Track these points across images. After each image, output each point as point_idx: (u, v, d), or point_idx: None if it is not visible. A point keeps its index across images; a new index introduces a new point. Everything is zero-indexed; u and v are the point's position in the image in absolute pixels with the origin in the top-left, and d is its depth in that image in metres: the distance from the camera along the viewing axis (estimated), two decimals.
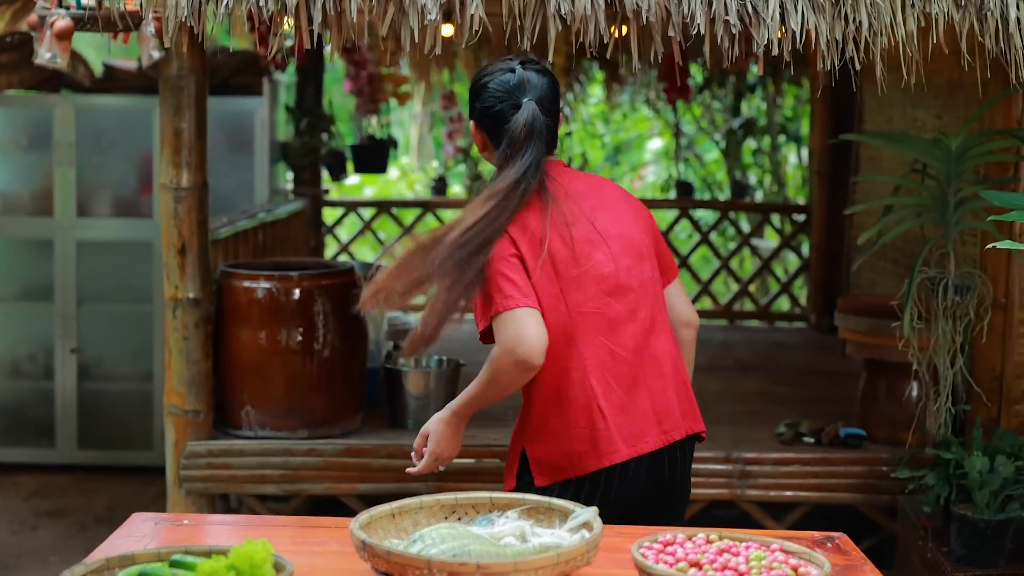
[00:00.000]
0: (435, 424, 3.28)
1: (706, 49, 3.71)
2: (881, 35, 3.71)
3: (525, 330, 2.94)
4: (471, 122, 3.27)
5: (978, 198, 4.30)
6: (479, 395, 3.11)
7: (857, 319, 4.88)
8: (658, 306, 3.19)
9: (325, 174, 7.87)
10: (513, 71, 3.18)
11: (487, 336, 3.05)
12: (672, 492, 3.20)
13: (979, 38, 3.82)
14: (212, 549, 2.27)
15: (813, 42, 3.77)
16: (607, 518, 2.54)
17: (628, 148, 11.75)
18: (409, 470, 3.35)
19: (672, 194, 8.89)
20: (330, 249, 8.61)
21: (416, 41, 3.69)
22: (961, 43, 3.80)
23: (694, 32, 3.77)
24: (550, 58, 4.11)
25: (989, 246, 3.76)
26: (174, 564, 2.22)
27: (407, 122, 13.77)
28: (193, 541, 2.58)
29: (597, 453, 3.03)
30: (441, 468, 3.32)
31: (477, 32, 3.59)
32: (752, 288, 8.76)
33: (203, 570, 2.11)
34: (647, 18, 3.62)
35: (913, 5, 3.71)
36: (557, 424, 3.05)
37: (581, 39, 3.86)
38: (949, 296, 4.27)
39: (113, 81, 6.60)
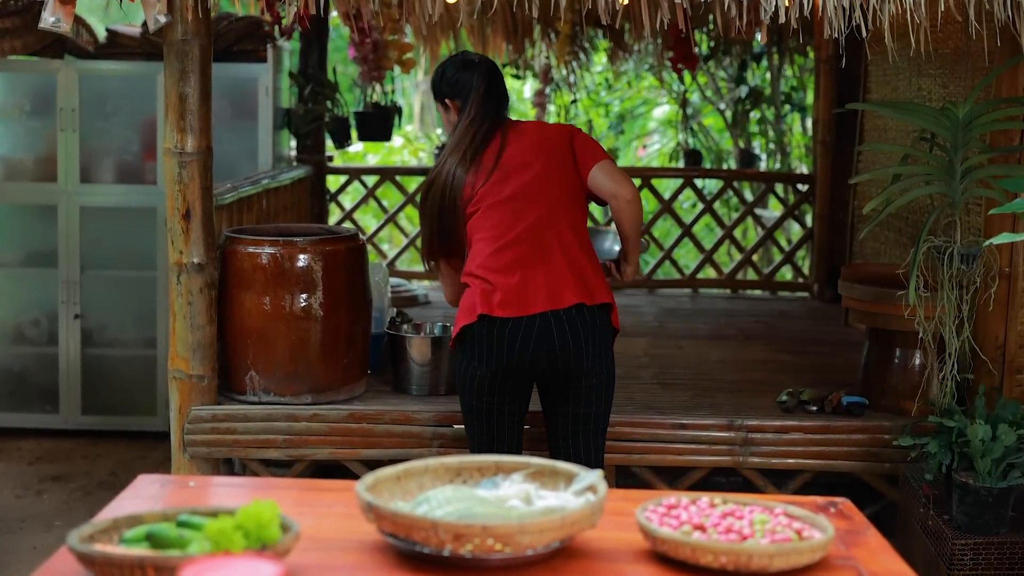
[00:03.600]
0: None
1: (715, 16, 3.71)
2: (889, 2, 3.70)
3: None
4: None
5: (984, 167, 4.30)
6: None
7: (861, 288, 4.88)
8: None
9: (329, 141, 7.87)
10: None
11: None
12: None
13: (987, 5, 3.82)
14: (219, 509, 2.28)
15: (820, 9, 3.77)
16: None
17: (632, 116, 11.72)
18: None
19: (681, 163, 8.88)
20: (333, 216, 8.61)
21: (429, 10, 3.69)
22: (969, 10, 3.79)
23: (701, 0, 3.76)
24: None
25: (992, 211, 3.76)
26: (181, 524, 2.23)
27: (411, 90, 13.74)
28: (199, 502, 2.59)
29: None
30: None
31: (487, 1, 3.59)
32: (755, 258, 8.76)
33: (210, 530, 2.12)
34: None
35: None
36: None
37: (588, 6, 3.86)
38: (955, 265, 4.28)
39: (116, 46, 6.59)
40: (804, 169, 9.69)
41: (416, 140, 12.76)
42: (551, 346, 3.89)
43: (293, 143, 7.59)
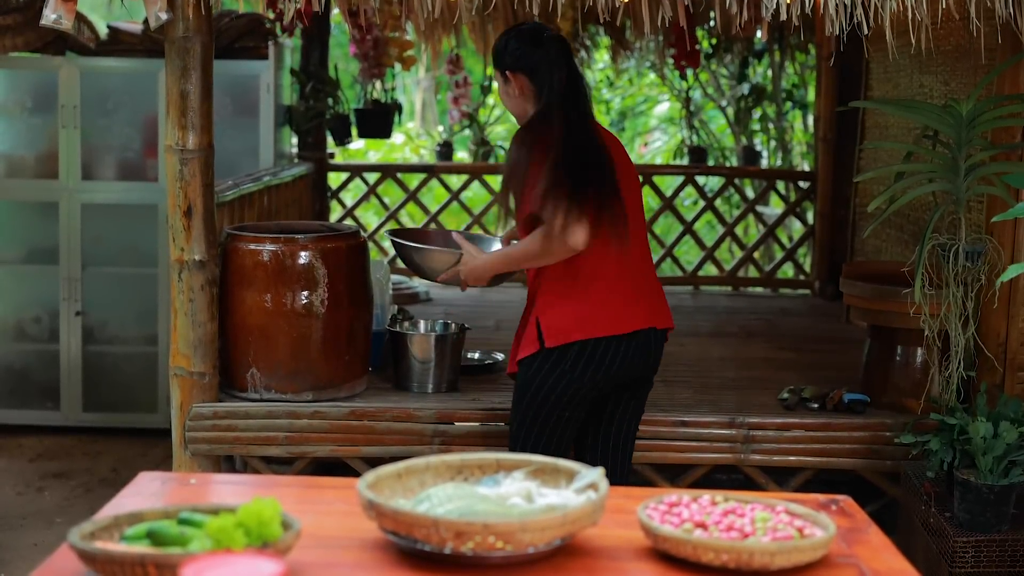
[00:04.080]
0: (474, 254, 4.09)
1: (716, 13, 3.70)
2: None
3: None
4: None
5: (987, 164, 4.30)
6: (512, 261, 3.94)
7: (862, 285, 4.88)
8: None
9: (330, 138, 7.86)
10: None
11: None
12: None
13: (988, 3, 3.81)
14: (220, 507, 2.28)
15: (821, 7, 3.76)
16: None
17: (634, 114, 11.72)
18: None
19: (686, 160, 8.87)
20: (335, 213, 8.60)
21: (429, 7, 3.69)
22: (970, 8, 3.79)
23: None
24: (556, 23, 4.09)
25: (995, 218, 3.76)
26: (182, 522, 2.23)
27: (412, 87, 13.74)
28: (200, 500, 2.59)
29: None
30: (461, 288, 4.18)
31: None
32: (756, 255, 8.75)
33: (212, 528, 2.12)
34: None
35: None
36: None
37: (589, 3, 3.85)
38: (960, 262, 4.27)
39: (118, 43, 6.59)
40: (806, 166, 9.69)
41: (417, 137, 12.76)
42: (648, 357, 3.93)
43: (294, 140, 7.59)
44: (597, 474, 2.39)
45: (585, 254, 3.76)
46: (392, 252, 8.69)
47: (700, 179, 8.65)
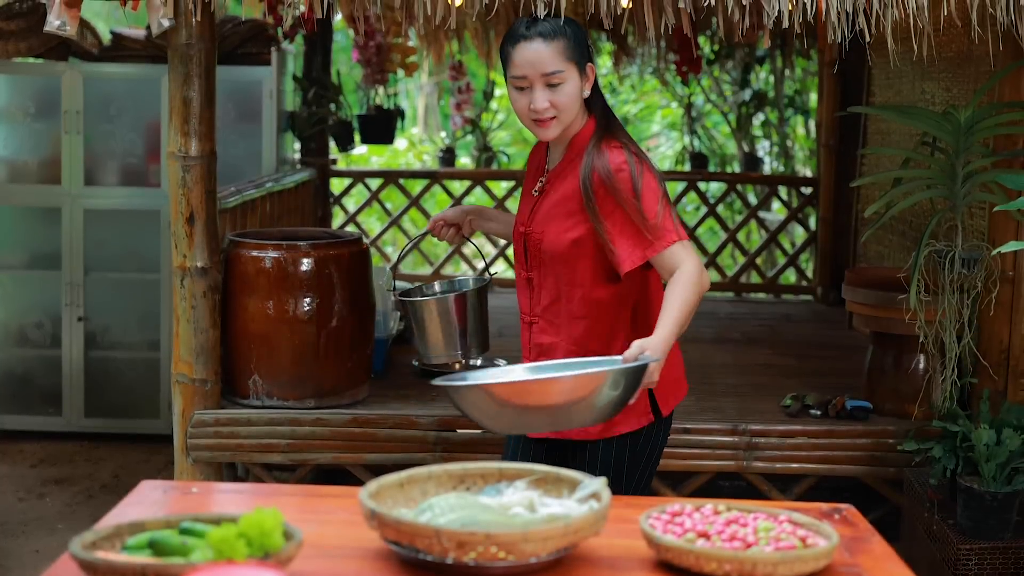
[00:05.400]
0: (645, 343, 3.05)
1: (719, 20, 3.70)
2: (891, 7, 3.70)
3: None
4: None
5: (987, 171, 4.30)
6: (685, 320, 3.11)
7: (864, 291, 4.88)
8: None
9: (332, 144, 7.87)
10: None
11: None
12: None
13: (990, 10, 3.81)
14: (221, 517, 2.27)
15: (823, 14, 3.76)
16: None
17: (637, 120, 11.72)
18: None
19: (687, 166, 8.87)
20: (337, 219, 8.60)
21: (428, 12, 3.69)
22: (972, 15, 3.78)
23: (705, 3, 3.76)
24: None
25: (997, 208, 3.75)
26: (184, 532, 2.22)
27: (414, 93, 13.74)
28: (202, 509, 2.59)
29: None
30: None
31: (490, 3, 3.58)
32: (759, 261, 8.75)
33: (213, 538, 2.12)
34: None
35: None
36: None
37: (592, 10, 3.86)
38: (956, 269, 4.27)
39: (121, 49, 6.59)
40: (808, 172, 9.69)
41: (420, 143, 12.76)
42: None
43: (297, 146, 7.60)
44: (600, 483, 2.39)
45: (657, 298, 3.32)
46: (394, 259, 8.67)
47: (702, 185, 8.64)
